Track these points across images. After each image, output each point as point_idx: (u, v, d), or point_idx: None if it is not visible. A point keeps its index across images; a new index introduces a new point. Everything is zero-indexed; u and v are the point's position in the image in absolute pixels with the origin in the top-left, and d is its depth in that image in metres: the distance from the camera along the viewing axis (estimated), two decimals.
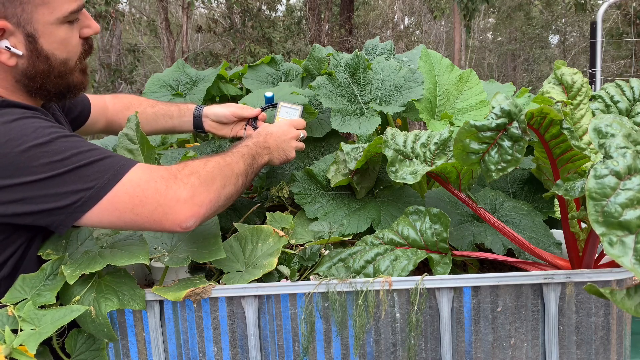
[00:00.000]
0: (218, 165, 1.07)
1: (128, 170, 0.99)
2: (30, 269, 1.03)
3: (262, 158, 1.24)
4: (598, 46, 4.83)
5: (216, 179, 1.04)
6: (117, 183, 0.97)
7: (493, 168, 0.97)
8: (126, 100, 1.57)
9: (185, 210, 0.98)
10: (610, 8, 11.32)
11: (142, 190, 0.98)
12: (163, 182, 0.99)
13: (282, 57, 1.96)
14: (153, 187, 0.98)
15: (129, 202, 0.97)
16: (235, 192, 1.10)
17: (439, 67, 1.68)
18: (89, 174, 0.96)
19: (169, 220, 0.98)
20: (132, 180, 0.98)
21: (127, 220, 0.99)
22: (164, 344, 1.05)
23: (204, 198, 1.01)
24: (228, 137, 1.52)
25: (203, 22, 14.84)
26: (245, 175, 1.13)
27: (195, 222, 1.00)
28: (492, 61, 21.61)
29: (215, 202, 1.03)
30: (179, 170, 1.03)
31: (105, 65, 12.48)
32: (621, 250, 0.71)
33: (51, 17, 1.02)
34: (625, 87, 1.38)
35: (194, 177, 1.02)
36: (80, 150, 0.98)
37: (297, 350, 1.04)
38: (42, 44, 1.04)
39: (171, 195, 0.98)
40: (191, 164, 1.05)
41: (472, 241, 1.20)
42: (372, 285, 1.00)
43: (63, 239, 1.07)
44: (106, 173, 0.97)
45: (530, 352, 1.01)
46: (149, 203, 0.98)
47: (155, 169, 1.02)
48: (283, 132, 1.34)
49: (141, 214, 0.98)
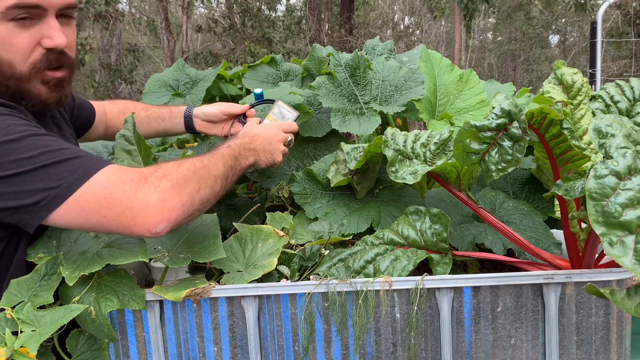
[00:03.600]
0: (193, 167, 1.03)
1: (97, 171, 0.95)
2: (20, 271, 1.03)
3: (246, 160, 1.20)
4: (598, 46, 4.83)
5: (190, 182, 1.00)
6: (85, 183, 0.94)
7: (493, 168, 0.97)
8: (121, 105, 1.57)
9: (155, 215, 0.94)
10: (610, 8, 11.32)
11: (109, 192, 0.94)
12: (132, 185, 0.95)
13: (282, 57, 1.96)
14: (121, 190, 0.94)
15: (96, 203, 0.94)
16: (213, 195, 1.04)
17: (439, 67, 1.68)
18: (57, 172, 0.94)
19: (137, 225, 0.94)
20: (100, 181, 0.94)
21: (94, 222, 0.95)
22: (164, 344, 1.05)
23: (175, 202, 0.96)
24: (220, 135, 1.50)
25: (203, 22, 14.84)
26: (225, 177, 1.08)
27: (166, 228, 0.95)
28: (492, 61, 21.61)
29: (188, 206, 0.98)
30: (151, 173, 0.98)
31: (105, 65, 12.48)
32: (621, 251, 0.71)
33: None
34: (625, 87, 1.38)
35: (166, 180, 0.97)
36: (51, 149, 0.95)
37: (297, 350, 1.04)
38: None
39: (139, 199, 0.94)
40: (164, 166, 1.01)
41: (472, 241, 1.20)
42: (372, 285, 1.00)
43: (53, 240, 1.06)
44: (74, 173, 0.94)
45: (531, 352, 1.01)
46: (116, 205, 0.94)
47: (126, 170, 0.98)
48: (271, 134, 1.30)
49: (108, 217, 0.94)
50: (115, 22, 12.05)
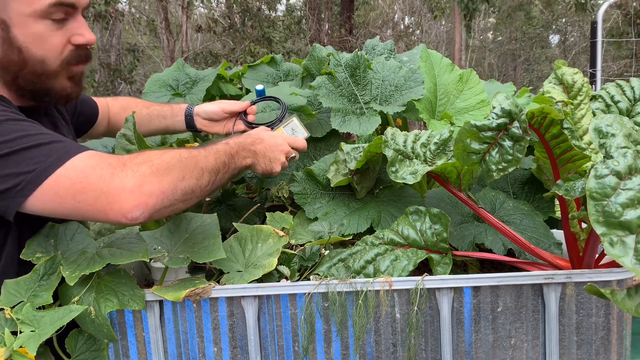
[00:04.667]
0: (178, 156, 1.00)
1: (74, 156, 0.93)
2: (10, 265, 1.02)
3: (243, 160, 1.17)
4: (598, 46, 4.83)
5: (173, 170, 0.97)
6: (59, 167, 0.92)
7: (494, 168, 0.97)
8: (123, 102, 1.57)
9: (131, 200, 0.91)
10: (611, 8, 11.32)
11: (85, 176, 0.92)
12: (109, 169, 0.92)
13: (282, 56, 1.96)
14: (98, 174, 0.92)
15: (71, 187, 0.91)
16: (199, 188, 1.01)
17: (439, 67, 1.68)
18: (32, 157, 0.92)
19: (113, 210, 0.91)
20: (76, 166, 0.92)
21: (69, 208, 0.93)
22: (164, 344, 1.05)
23: (154, 188, 0.93)
24: (221, 133, 1.50)
25: (203, 22, 14.85)
26: (214, 172, 1.05)
27: (143, 214, 0.93)
28: (493, 61, 21.61)
29: (169, 195, 0.95)
30: (131, 159, 0.96)
31: (105, 65, 12.48)
32: (622, 251, 0.70)
33: (28, 9, 1.01)
34: (625, 87, 1.38)
35: (146, 166, 0.94)
36: (28, 134, 0.94)
37: (297, 350, 1.04)
38: (16, 34, 1.02)
39: (116, 183, 0.91)
40: (146, 153, 0.98)
41: (473, 241, 1.19)
42: (372, 285, 1.00)
43: (51, 238, 1.05)
44: (49, 157, 0.92)
45: (531, 353, 1.01)
46: (91, 190, 0.91)
47: (105, 156, 0.96)
48: (275, 142, 1.26)
49: (83, 202, 0.92)
50: (115, 22, 12.05)
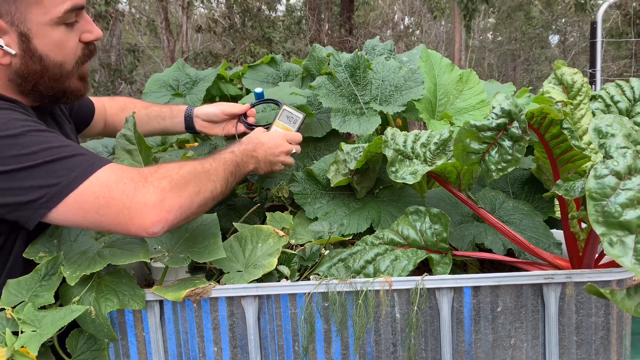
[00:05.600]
0: (194, 170, 1.03)
1: (97, 170, 0.96)
2: (16, 266, 1.03)
3: (247, 166, 1.22)
4: (598, 46, 4.83)
5: (189, 185, 1.00)
6: (84, 181, 0.94)
7: (493, 168, 0.97)
8: (121, 102, 1.57)
9: (152, 215, 0.94)
10: (610, 8, 11.32)
11: (109, 190, 0.94)
12: (132, 185, 0.95)
13: (282, 57, 1.96)
14: (120, 189, 0.94)
15: (95, 202, 0.94)
16: (212, 199, 1.05)
17: (439, 67, 1.68)
18: (57, 170, 0.94)
19: (134, 225, 0.95)
20: (99, 180, 0.95)
21: (92, 221, 0.95)
22: (164, 344, 1.05)
23: (173, 203, 0.97)
24: (221, 135, 1.51)
25: (203, 22, 14.84)
26: (225, 182, 1.09)
27: (163, 229, 0.96)
28: (492, 61, 21.61)
29: (187, 209, 0.99)
30: (151, 173, 0.98)
31: (105, 65, 12.48)
32: (621, 250, 0.71)
33: (45, 17, 1.02)
34: (625, 87, 1.38)
35: (165, 181, 0.98)
36: (51, 146, 0.95)
37: (297, 350, 1.04)
38: (36, 44, 1.03)
39: (139, 199, 0.95)
40: (165, 167, 1.02)
41: (472, 241, 1.20)
42: (372, 285, 1.00)
43: (54, 239, 1.06)
44: (74, 170, 0.94)
45: (531, 352, 1.01)
46: (115, 205, 0.94)
47: (127, 170, 0.98)
48: (275, 144, 1.31)
49: (106, 215, 0.94)
50: (115, 22, 12.05)
